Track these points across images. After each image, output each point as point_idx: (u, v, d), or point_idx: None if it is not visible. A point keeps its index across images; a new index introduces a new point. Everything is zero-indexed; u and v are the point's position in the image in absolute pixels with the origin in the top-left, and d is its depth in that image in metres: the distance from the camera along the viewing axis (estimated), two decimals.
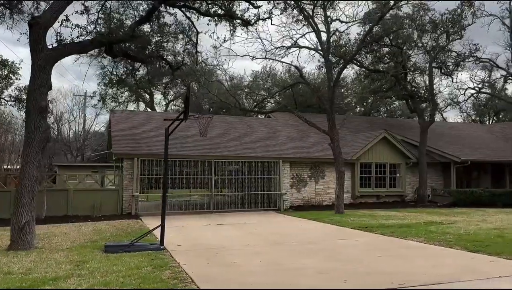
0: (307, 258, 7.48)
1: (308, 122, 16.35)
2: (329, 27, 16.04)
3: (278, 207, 17.95)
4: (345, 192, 20.76)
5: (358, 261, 7.19)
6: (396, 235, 10.07)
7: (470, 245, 8.40)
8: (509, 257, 7.23)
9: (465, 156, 20.86)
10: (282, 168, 18.66)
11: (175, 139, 18.27)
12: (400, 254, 7.92)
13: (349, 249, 8.47)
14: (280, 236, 10.35)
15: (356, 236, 10.21)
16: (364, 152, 20.52)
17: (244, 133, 20.66)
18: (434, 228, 11.24)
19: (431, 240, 9.17)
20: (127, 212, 16.13)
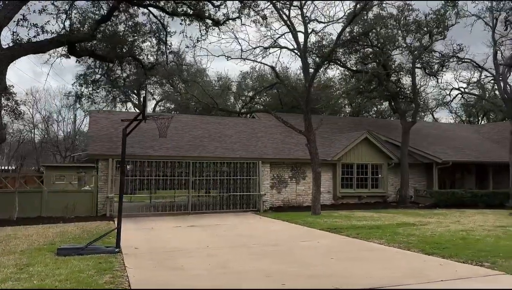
0: (260, 261, 7.37)
1: (285, 122, 16.24)
2: (306, 27, 15.93)
3: (257, 208, 17.84)
4: (326, 193, 20.74)
5: (308, 264, 7.08)
6: (361, 237, 9.96)
7: (429, 247, 8.30)
8: (460, 260, 7.14)
9: (447, 157, 20.81)
10: (262, 169, 18.55)
11: (153, 140, 18.17)
12: (355, 256, 7.81)
13: (306, 251, 8.36)
14: (244, 238, 10.23)
15: (321, 238, 10.10)
16: (346, 153, 20.42)
17: (225, 133, 20.54)
18: (403, 229, 11.14)
19: (392, 242, 9.07)
20: (102, 213, 15.99)
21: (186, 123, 20.97)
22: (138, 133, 18.64)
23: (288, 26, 15.64)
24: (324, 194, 20.63)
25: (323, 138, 22.69)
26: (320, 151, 20.98)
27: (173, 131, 19.69)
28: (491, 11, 20.44)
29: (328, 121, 26.40)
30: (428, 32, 21.87)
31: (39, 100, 49.29)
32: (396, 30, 23.09)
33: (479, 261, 6.95)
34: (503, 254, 7.48)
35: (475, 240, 9.25)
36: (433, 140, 24.09)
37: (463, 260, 7.10)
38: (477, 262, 6.89)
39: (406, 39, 23.15)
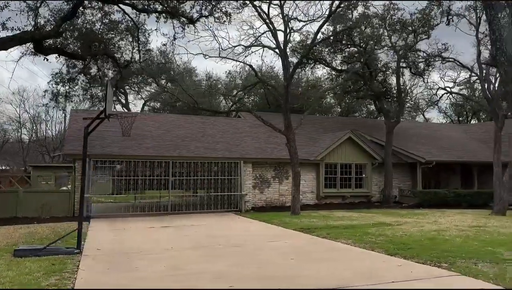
0: (218, 262, 7.22)
1: (265, 122, 16.11)
2: (286, 25, 15.80)
3: (239, 208, 17.68)
4: (309, 193, 20.64)
5: (266, 265, 6.94)
6: (330, 237, 9.83)
7: (394, 248, 8.18)
8: (421, 260, 7.01)
9: (431, 156, 20.74)
10: (244, 169, 18.40)
11: (132, 139, 17.97)
12: (317, 257, 7.68)
13: (270, 252, 8.22)
14: (213, 239, 10.07)
15: (290, 238, 9.98)
16: (329, 153, 20.32)
17: (208, 133, 20.38)
18: (376, 230, 11.02)
19: (360, 242, 8.94)
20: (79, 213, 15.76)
21: (169, 123, 20.81)
22: (118, 132, 18.50)
23: (267, 24, 15.51)
24: (308, 194, 20.55)
25: (308, 138, 22.59)
26: (305, 151, 20.92)
27: (155, 131, 19.56)
28: (474, 10, 20.36)
29: (315, 121, 26.33)
30: (413, 31, 21.81)
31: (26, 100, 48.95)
32: (382, 29, 23.06)
33: (439, 262, 6.83)
34: (466, 255, 7.36)
35: (444, 241, 9.14)
36: (420, 140, 24.02)
37: (423, 260, 6.98)
38: (436, 263, 6.77)
39: (391, 38, 23.11)
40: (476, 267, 6.40)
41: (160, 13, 11.21)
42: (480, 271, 6.12)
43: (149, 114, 24.43)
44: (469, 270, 6.21)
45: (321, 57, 22.96)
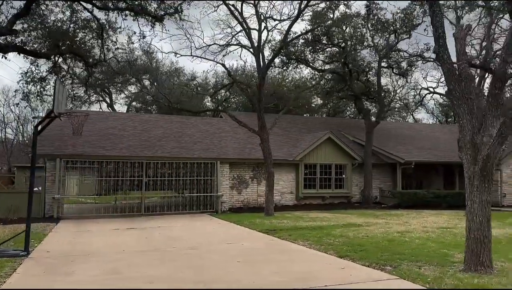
0: (161, 266, 7.03)
1: (239, 122, 15.93)
2: (260, 24, 15.63)
3: (215, 209, 17.48)
4: (289, 194, 20.47)
5: (208, 269, 6.77)
6: (290, 239, 9.66)
7: (347, 249, 8.02)
8: (367, 263, 6.86)
9: (411, 157, 20.62)
10: (221, 170, 18.20)
11: (106, 139, 17.78)
12: (265, 259, 7.50)
13: (219, 254, 8.03)
14: (171, 241, 9.87)
15: (250, 240, 9.80)
16: (309, 153, 20.15)
17: (186, 133, 20.17)
18: (341, 231, 10.87)
19: (316, 244, 8.77)
20: (49, 215, 15.53)
21: (147, 123, 20.58)
22: (92, 132, 18.27)
23: (240, 23, 15.33)
24: (287, 194, 20.38)
25: (290, 138, 22.45)
26: (285, 151, 20.77)
27: (131, 131, 19.33)
28: (455, 10, 20.30)
29: (299, 121, 26.19)
30: (394, 31, 21.70)
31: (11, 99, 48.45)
32: (365, 29, 22.95)
33: (384, 265, 6.67)
34: (416, 257, 7.21)
35: (403, 242, 8.99)
36: (402, 140, 23.92)
37: (369, 263, 6.82)
38: (381, 266, 6.61)
39: (373, 38, 23.00)
40: (419, 270, 6.25)
41: (122, 11, 11.03)
42: (421, 275, 5.96)
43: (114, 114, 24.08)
44: (409, 273, 6.05)
45: (302, 57, 22.80)
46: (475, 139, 5.97)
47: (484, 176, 5.93)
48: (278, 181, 20.31)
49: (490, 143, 5.62)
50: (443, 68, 6.21)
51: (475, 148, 5.97)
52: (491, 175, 5.97)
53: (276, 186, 20.42)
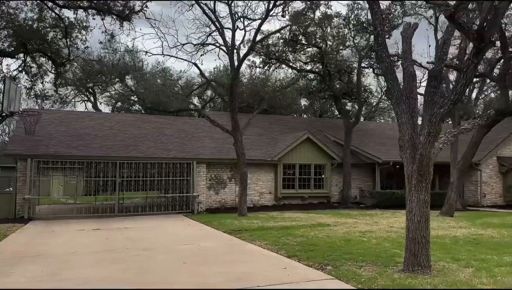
0: (105, 267, 6.96)
1: (212, 121, 15.87)
2: (234, 24, 15.56)
3: (191, 210, 17.38)
4: (267, 194, 20.41)
5: (151, 270, 6.69)
6: (250, 239, 9.59)
7: (299, 249, 7.98)
8: (310, 263, 6.81)
9: (389, 157, 20.61)
10: (198, 170, 18.11)
11: (80, 139, 17.64)
12: (212, 260, 7.42)
13: (171, 255, 7.95)
14: (129, 242, 9.75)
15: (209, 240, 9.74)
16: (287, 153, 20.10)
17: (164, 133, 20.06)
18: (304, 231, 10.82)
19: (273, 244, 8.70)
20: (20, 215, 15.35)
21: (124, 123, 20.45)
22: (66, 132, 18.14)
23: (213, 23, 15.27)
24: (266, 195, 20.32)
25: (271, 138, 22.39)
26: (263, 151, 20.71)
27: (107, 131, 19.19)
28: (433, 10, 20.29)
29: (280, 121, 26.13)
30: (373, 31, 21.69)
31: None
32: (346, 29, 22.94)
33: (327, 265, 6.62)
34: (363, 257, 7.18)
35: (359, 242, 8.96)
36: (383, 140, 23.91)
37: (313, 263, 6.77)
38: (322, 266, 6.56)
39: (354, 38, 22.99)
40: (358, 270, 6.20)
41: (86, 9, 10.92)
42: (357, 275, 5.91)
43: (91, 114, 23.84)
44: (347, 273, 6.00)
45: (284, 57, 22.75)
46: (414, 138, 5.93)
47: (421, 175, 5.89)
48: (257, 182, 20.27)
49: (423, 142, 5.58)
50: (381, 67, 6.18)
51: (414, 147, 5.94)
52: (428, 175, 5.94)
53: (255, 186, 20.42)
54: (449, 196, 15.46)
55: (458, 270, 6.14)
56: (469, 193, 22.78)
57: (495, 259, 7.01)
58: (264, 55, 21.46)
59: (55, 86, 15.44)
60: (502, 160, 22.70)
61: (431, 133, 5.58)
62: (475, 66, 5.02)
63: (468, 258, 7.07)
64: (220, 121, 22.89)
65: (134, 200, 21.55)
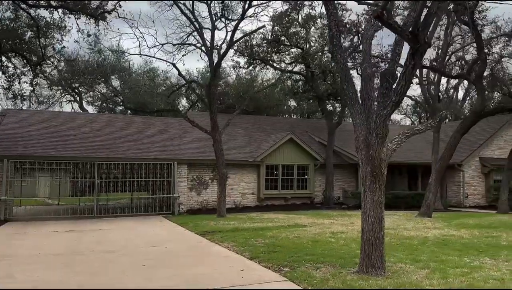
0: (61, 270, 6.85)
1: (191, 122, 15.77)
2: (213, 24, 15.49)
3: (172, 211, 17.27)
4: (250, 195, 20.36)
5: (107, 273, 6.62)
6: (219, 241, 9.52)
7: (263, 250, 7.93)
8: (269, 264, 6.76)
9: None
10: (179, 170, 18.00)
11: (60, 140, 17.47)
12: (174, 262, 7.35)
13: (132, 258, 7.87)
14: (97, 244, 9.63)
15: (178, 242, 9.68)
16: (270, 154, 20.07)
17: (146, 133, 19.93)
18: (277, 232, 10.77)
19: (240, 246, 8.62)
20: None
21: (106, 123, 20.29)
22: (48, 133, 17.97)
23: (192, 23, 15.19)
24: (248, 195, 20.27)
25: (254, 139, 22.35)
26: (246, 152, 20.65)
27: (88, 131, 19.02)
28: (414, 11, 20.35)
29: (265, 122, 26.10)
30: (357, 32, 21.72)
31: None
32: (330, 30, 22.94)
33: (285, 266, 6.58)
34: (324, 259, 7.14)
35: (327, 243, 8.94)
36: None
37: (272, 265, 6.72)
38: (280, 267, 6.51)
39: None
40: (314, 271, 6.16)
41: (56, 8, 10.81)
42: (311, 276, 5.87)
43: (72, 114, 23.59)
44: (302, 275, 5.96)
45: (269, 58, 22.71)
46: (368, 139, 5.91)
47: (374, 176, 5.87)
48: (239, 182, 20.22)
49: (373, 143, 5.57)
50: (336, 68, 6.15)
51: (368, 148, 5.92)
52: (381, 176, 5.92)
53: (238, 187, 20.36)
54: (427, 197, 15.51)
55: (414, 271, 6.13)
56: (452, 194, 22.90)
57: (456, 260, 7.01)
58: (248, 55, 21.41)
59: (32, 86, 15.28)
60: (484, 161, 22.85)
61: (378, 134, 5.56)
62: (413, 67, 5.00)
63: (429, 259, 7.06)
64: (206, 122, 22.91)
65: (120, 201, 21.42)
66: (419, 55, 4.90)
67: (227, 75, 28.55)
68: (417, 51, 4.79)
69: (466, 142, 24.27)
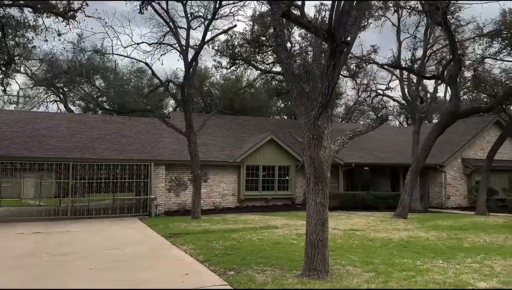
0: (8, 273, 6.70)
1: (166, 122, 15.62)
2: (189, 23, 15.34)
3: (149, 212, 17.09)
4: (230, 196, 20.21)
5: (51, 276, 6.48)
6: (179, 243, 9.40)
7: (218, 253, 7.82)
8: (217, 268, 6.64)
9: (352, 159, 20.61)
10: (156, 171, 17.83)
11: (36, 141, 17.26)
12: (125, 266, 7.20)
13: (85, 261, 7.71)
14: (57, 247, 9.45)
15: (139, 245, 9.51)
16: (251, 154, 19.94)
17: (125, 134, 19.74)
18: (244, 234, 10.68)
19: (195, 249, 8.50)
20: None
21: (84, 123, 20.08)
22: (24, 133, 17.74)
23: (167, 23, 15.04)
24: (229, 197, 20.13)
25: (236, 140, 22.21)
26: (227, 153, 20.50)
27: (65, 132, 18.80)
28: (396, 12, 20.33)
29: (249, 123, 25.96)
30: None
31: None
32: None
33: (232, 269, 6.47)
34: (276, 261, 7.04)
35: (287, 245, 8.84)
36: (351, 141, 23.87)
37: (219, 268, 6.61)
38: (227, 271, 6.40)
39: None
40: (257, 275, 6.05)
41: (20, 7, 10.63)
42: (252, 280, 5.77)
43: (51, 114, 23.30)
44: (243, 278, 5.85)
45: (250, 58, 22.63)
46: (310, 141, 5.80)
47: (316, 178, 5.76)
48: (219, 184, 20.08)
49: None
50: (281, 68, 6.04)
51: (309, 150, 5.80)
52: (323, 178, 5.81)
53: (217, 188, 20.22)
54: (402, 198, 15.46)
55: (359, 275, 6.02)
56: (434, 195, 22.88)
57: (408, 263, 6.91)
58: (229, 56, 21.31)
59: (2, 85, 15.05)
60: (466, 162, 22.85)
61: (313, 136, 5.46)
62: (333, 68, 4.90)
63: (381, 262, 6.97)
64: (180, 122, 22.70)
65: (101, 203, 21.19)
66: (339, 54, 4.79)
67: (211, 76, 28.42)
68: (335, 50, 4.68)
69: (449, 143, 24.31)
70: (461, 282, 5.52)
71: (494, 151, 18.22)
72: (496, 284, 5.46)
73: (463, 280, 5.61)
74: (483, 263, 6.88)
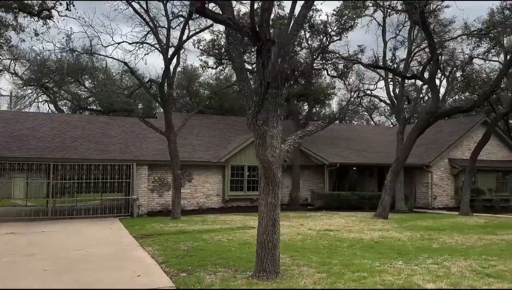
0: None
1: (146, 122, 15.54)
2: (169, 22, 15.27)
3: (131, 213, 17.01)
4: (215, 196, 20.15)
5: (6, 277, 6.38)
6: (146, 244, 9.32)
7: (180, 254, 7.78)
8: (171, 270, 6.57)
9: (338, 159, 20.56)
10: (139, 171, 17.77)
11: (17, 140, 17.17)
12: (82, 267, 7.13)
13: (46, 262, 7.64)
14: (25, 248, 9.39)
15: (106, 246, 9.45)
16: (236, 154, 19.90)
17: (108, 134, 19.65)
18: (216, 235, 10.63)
19: (160, 250, 8.43)
20: None
21: (68, 123, 19.98)
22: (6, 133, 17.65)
23: (147, 23, 14.97)
24: (213, 197, 20.07)
25: (222, 140, 22.13)
26: (211, 153, 20.41)
27: (48, 131, 18.72)
28: (382, 12, 20.27)
29: (236, 123, 25.86)
30: (324, 32, 21.64)
31: None
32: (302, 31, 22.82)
33: (185, 271, 6.42)
34: (234, 262, 7.01)
35: (254, 245, 8.62)
36: (338, 142, 23.85)
37: (174, 269, 6.56)
38: (179, 273, 6.34)
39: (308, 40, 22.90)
40: (208, 276, 6.00)
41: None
42: (200, 282, 5.71)
43: (34, 114, 23.17)
44: (193, 280, 5.80)
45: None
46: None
47: (266, 178, 5.70)
48: (204, 184, 20.02)
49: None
50: (233, 67, 5.99)
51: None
52: (273, 178, 5.75)
53: (202, 188, 20.15)
54: (382, 198, 15.41)
55: (311, 275, 5.96)
56: (420, 195, 22.84)
57: (366, 264, 6.85)
58: (215, 56, 21.23)
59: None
60: (453, 162, 22.81)
61: (256, 135, 5.40)
62: (262, 66, 4.83)
63: (339, 263, 6.90)
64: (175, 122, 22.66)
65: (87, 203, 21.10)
66: (266, 53, 4.73)
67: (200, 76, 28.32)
68: (261, 49, 4.62)
69: (435, 143, 24.28)
70: (409, 284, 5.46)
71: (477, 151, 18.18)
72: (445, 286, 5.40)
73: (413, 282, 5.55)
74: (442, 264, 6.82)
